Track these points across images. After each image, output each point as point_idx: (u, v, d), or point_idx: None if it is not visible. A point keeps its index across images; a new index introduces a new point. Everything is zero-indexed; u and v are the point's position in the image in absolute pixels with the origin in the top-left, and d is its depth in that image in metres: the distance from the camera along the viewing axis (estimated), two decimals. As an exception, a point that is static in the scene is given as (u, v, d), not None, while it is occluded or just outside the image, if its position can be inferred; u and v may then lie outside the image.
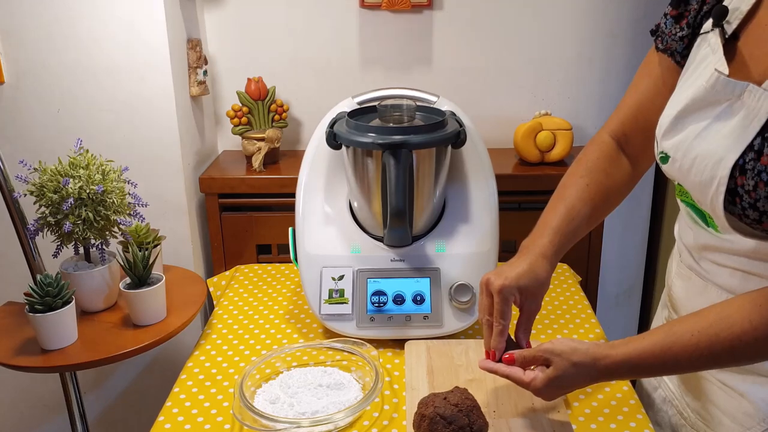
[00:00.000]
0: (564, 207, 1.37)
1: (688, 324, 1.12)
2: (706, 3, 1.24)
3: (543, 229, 1.37)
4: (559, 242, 1.35)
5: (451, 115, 1.67)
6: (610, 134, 1.44)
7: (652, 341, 1.13)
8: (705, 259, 1.26)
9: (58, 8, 1.87)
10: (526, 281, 1.30)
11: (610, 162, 1.42)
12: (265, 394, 1.43)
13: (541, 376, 1.20)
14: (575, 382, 1.20)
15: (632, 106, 1.41)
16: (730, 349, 1.08)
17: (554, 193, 1.42)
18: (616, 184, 1.42)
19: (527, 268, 1.31)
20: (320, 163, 1.71)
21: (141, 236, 1.78)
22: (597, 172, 1.40)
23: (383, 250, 1.65)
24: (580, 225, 1.38)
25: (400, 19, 2.22)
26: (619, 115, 1.43)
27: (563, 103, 2.31)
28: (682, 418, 1.39)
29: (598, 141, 1.45)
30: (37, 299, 1.53)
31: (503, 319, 1.28)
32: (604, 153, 1.43)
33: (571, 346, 1.18)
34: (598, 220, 1.43)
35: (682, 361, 1.11)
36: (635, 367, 1.15)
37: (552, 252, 1.34)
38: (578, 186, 1.39)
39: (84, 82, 1.94)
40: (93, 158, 1.68)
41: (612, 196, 1.43)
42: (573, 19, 2.22)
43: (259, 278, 1.99)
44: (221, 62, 2.29)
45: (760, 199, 1.06)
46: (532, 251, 1.34)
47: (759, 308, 1.06)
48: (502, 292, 1.28)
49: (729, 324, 1.07)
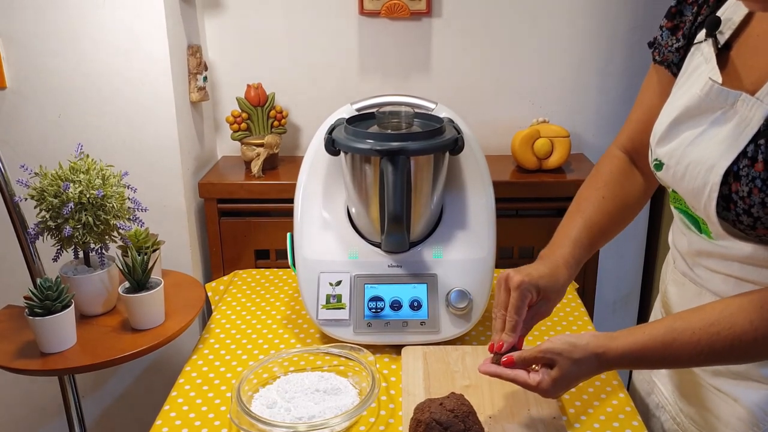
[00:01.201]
0: (582, 219, 1.39)
1: (689, 321, 1.13)
2: (701, 14, 1.26)
3: (563, 239, 1.39)
4: (578, 253, 1.37)
5: (449, 122, 1.68)
6: (621, 149, 1.46)
7: (653, 336, 1.14)
8: (699, 266, 1.27)
9: (60, 14, 1.88)
10: (546, 282, 1.31)
11: (625, 176, 1.44)
12: (262, 399, 1.43)
13: (547, 378, 1.21)
14: (580, 377, 1.21)
15: (638, 120, 1.43)
16: (730, 347, 1.09)
17: (571, 205, 1.44)
18: (631, 197, 1.44)
19: (548, 272, 1.32)
20: (319, 169, 1.72)
21: (140, 241, 1.78)
22: (613, 185, 1.43)
23: (381, 256, 1.66)
24: (597, 237, 1.40)
25: (399, 27, 2.23)
26: (627, 131, 1.46)
27: (561, 110, 2.32)
28: (675, 424, 1.39)
29: (611, 156, 1.47)
30: (37, 303, 1.54)
31: (517, 314, 1.29)
32: (618, 167, 1.45)
33: (569, 342, 1.19)
34: (614, 233, 1.45)
35: (682, 357, 1.13)
36: (635, 360, 1.17)
37: (573, 263, 1.36)
38: (595, 198, 1.41)
39: (85, 87, 1.95)
40: (93, 163, 1.68)
41: (628, 209, 1.45)
42: (571, 28, 2.23)
43: (257, 283, 2.00)
44: (221, 68, 2.29)
45: (754, 205, 1.07)
46: (553, 259, 1.35)
47: (760, 309, 1.07)
48: (521, 287, 1.28)
49: (730, 323, 1.08)
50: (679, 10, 1.31)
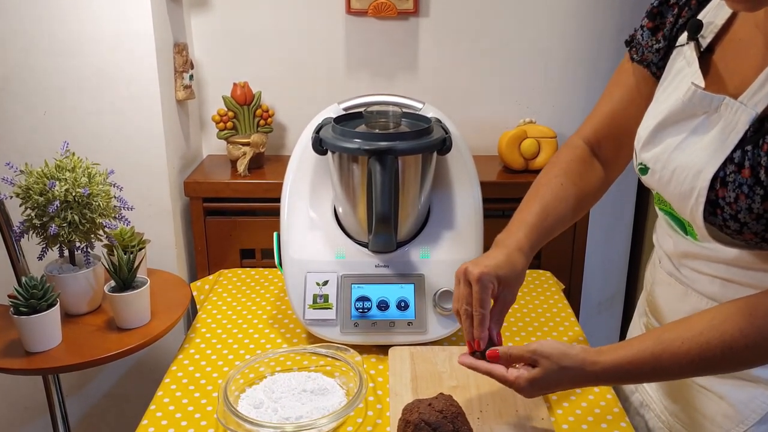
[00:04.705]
0: (539, 204, 1.39)
1: (677, 332, 1.12)
2: (682, 16, 1.26)
3: (518, 225, 1.38)
4: (534, 238, 1.36)
5: (437, 122, 1.68)
6: (583, 140, 1.47)
7: (642, 348, 1.13)
8: (685, 266, 1.27)
9: (45, 11, 1.87)
10: (504, 271, 1.30)
11: (584, 165, 1.44)
12: (249, 399, 1.43)
13: (525, 375, 1.19)
14: (559, 384, 1.20)
15: (606, 114, 1.43)
16: (721, 357, 1.08)
17: (528, 191, 1.44)
18: (589, 186, 1.45)
19: (505, 259, 1.31)
20: (305, 169, 1.72)
21: (126, 239, 1.78)
22: (571, 174, 1.43)
23: (368, 256, 1.66)
24: (554, 223, 1.39)
25: (387, 26, 2.23)
26: (593, 122, 1.46)
27: (548, 111, 2.33)
28: (660, 422, 1.40)
29: (572, 145, 1.47)
30: (22, 301, 1.53)
31: (482, 307, 1.27)
32: (578, 156, 1.45)
33: (560, 349, 1.18)
34: (571, 220, 1.45)
35: (672, 368, 1.12)
36: (624, 374, 1.16)
37: (527, 246, 1.35)
38: (553, 185, 1.41)
39: (70, 85, 1.93)
40: (79, 161, 1.68)
41: (585, 198, 1.45)
42: (558, 29, 2.24)
43: (243, 283, 1.99)
44: (207, 67, 2.29)
45: (741, 210, 1.07)
46: (508, 244, 1.34)
47: (749, 317, 1.07)
48: (481, 280, 1.27)
49: (720, 333, 1.08)
50: (660, 11, 1.31)
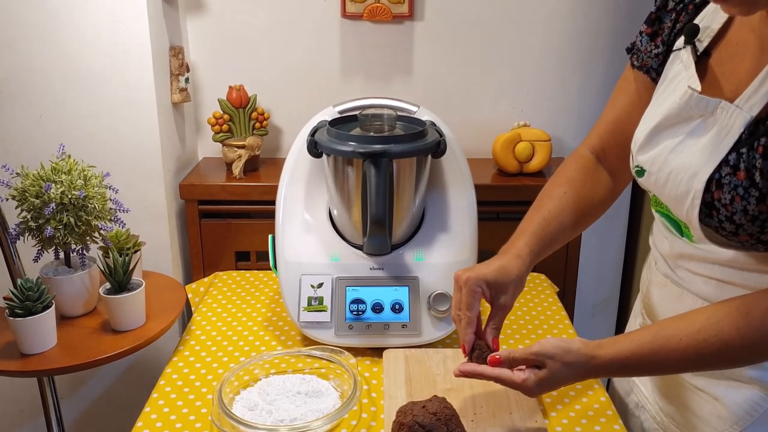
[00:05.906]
0: (540, 214, 1.41)
1: (676, 328, 1.14)
2: (679, 21, 1.27)
3: (519, 234, 1.40)
4: (535, 245, 1.38)
5: (431, 125, 1.69)
6: (589, 149, 1.47)
7: (640, 343, 1.15)
8: (680, 268, 1.28)
9: (42, 13, 1.87)
10: (494, 276, 1.32)
11: (590, 175, 1.45)
12: (243, 401, 1.43)
13: (533, 377, 1.21)
14: (566, 381, 1.22)
15: (610, 121, 1.44)
16: (717, 354, 1.10)
17: (533, 203, 1.45)
18: (595, 196, 1.45)
19: (498, 265, 1.34)
20: (300, 172, 1.72)
21: (121, 242, 1.78)
22: (576, 183, 1.43)
23: (362, 259, 1.66)
24: (557, 231, 1.40)
25: (382, 30, 2.23)
26: (598, 131, 1.47)
27: (542, 114, 2.33)
28: (655, 423, 1.41)
29: (577, 155, 1.48)
30: (18, 303, 1.53)
31: (469, 311, 1.31)
32: (583, 166, 1.46)
33: (562, 347, 1.20)
34: (577, 229, 1.46)
35: (669, 363, 1.14)
36: (622, 368, 1.18)
37: (526, 252, 1.36)
38: (556, 194, 1.43)
39: (67, 87, 1.94)
40: (75, 163, 1.68)
41: (592, 207, 1.45)
42: (552, 32, 2.24)
43: (238, 285, 2.00)
44: (203, 70, 2.29)
45: (736, 212, 1.08)
46: (507, 252, 1.37)
47: (746, 316, 1.08)
48: (467, 284, 1.30)
49: (717, 330, 1.09)
50: (658, 17, 1.32)
